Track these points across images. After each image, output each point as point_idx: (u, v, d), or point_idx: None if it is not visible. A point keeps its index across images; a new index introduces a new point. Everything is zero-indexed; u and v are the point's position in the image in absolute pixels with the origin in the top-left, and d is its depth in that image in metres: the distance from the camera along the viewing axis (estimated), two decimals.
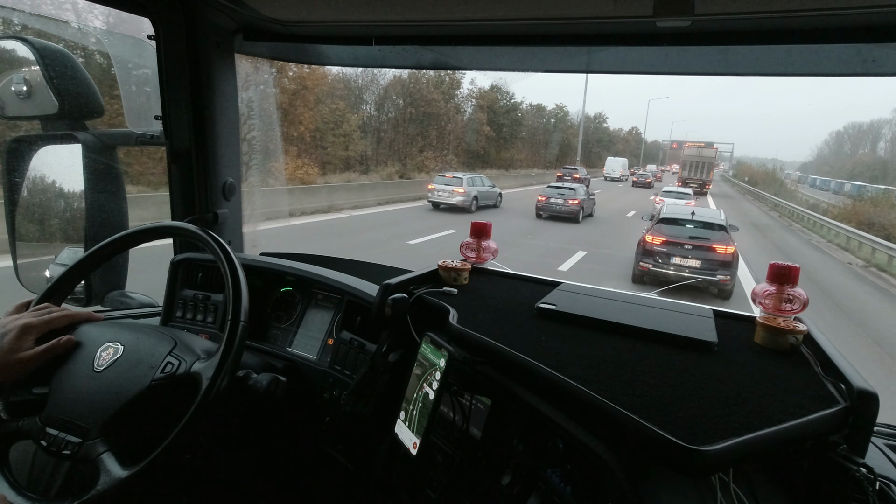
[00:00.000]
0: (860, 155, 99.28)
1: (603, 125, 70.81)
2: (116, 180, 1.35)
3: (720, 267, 7.41)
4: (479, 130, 34.00)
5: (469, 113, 34.63)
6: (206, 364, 0.85)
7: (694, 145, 41.57)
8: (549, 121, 50.93)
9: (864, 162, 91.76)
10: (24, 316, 0.89)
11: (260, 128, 1.74)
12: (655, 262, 7.81)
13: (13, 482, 0.82)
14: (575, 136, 52.62)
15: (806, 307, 0.87)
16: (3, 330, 0.86)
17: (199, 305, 1.34)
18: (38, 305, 0.95)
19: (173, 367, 0.86)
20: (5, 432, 0.86)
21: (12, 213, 1.33)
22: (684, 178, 36.37)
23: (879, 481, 0.61)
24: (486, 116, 35.65)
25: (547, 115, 51.17)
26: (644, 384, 0.69)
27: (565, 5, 0.96)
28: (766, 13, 0.89)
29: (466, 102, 34.70)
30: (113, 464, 0.78)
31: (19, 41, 1.22)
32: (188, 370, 0.85)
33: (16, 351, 0.84)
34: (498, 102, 37.76)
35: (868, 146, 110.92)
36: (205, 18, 1.30)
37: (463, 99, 34.20)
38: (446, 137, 30.85)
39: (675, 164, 68.35)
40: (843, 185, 56.53)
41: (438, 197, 15.73)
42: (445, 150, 30.39)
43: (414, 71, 25.01)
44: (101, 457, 0.79)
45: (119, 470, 0.77)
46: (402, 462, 0.98)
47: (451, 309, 0.96)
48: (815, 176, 78.61)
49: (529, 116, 46.36)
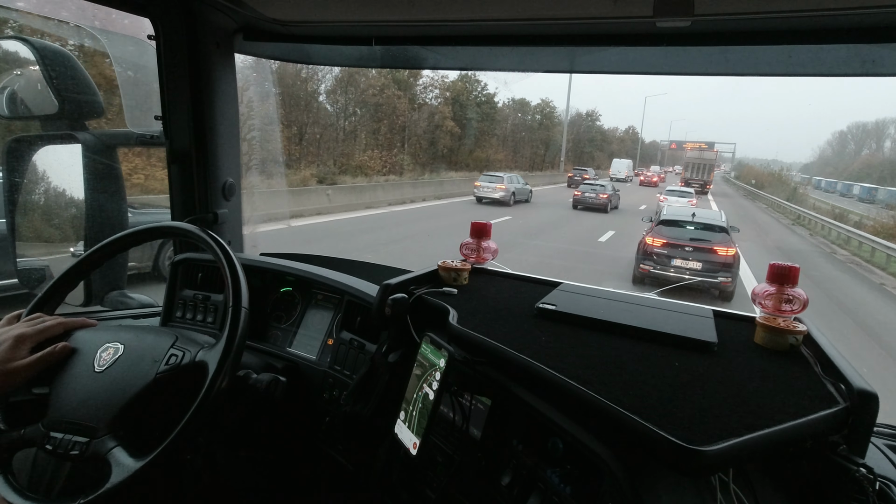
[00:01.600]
0: (866, 155, 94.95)
1: (596, 123, 64.71)
2: (116, 180, 1.35)
3: (721, 269, 7.32)
4: (441, 126, 28.50)
5: (433, 105, 28.96)
6: (211, 351, 0.86)
7: (695, 146, 44.68)
8: (533, 117, 45.32)
9: (871, 163, 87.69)
10: (16, 327, 0.89)
11: (259, 127, 1.74)
12: (656, 265, 7.72)
13: (16, 487, 0.82)
14: (562, 135, 48.21)
15: (806, 307, 0.87)
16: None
17: (199, 306, 1.34)
18: (30, 316, 0.94)
19: (178, 359, 0.86)
20: (7, 442, 0.85)
21: (12, 213, 1.33)
22: (687, 178, 38.60)
23: (879, 481, 0.61)
24: (451, 110, 30.01)
25: (532, 110, 45.15)
26: (644, 384, 0.69)
27: (565, 6, 0.96)
28: (766, 13, 0.89)
29: (427, 92, 28.90)
30: (125, 457, 0.78)
31: (19, 41, 1.22)
32: (193, 359, 0.86)
33: (10, 361, 0.83)
34: (467, 94, 32.20)
35: (874, 145, 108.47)
36: (205, 18, 1.30)
37: (422, 88, 28.35)
38: (399, 134, 25.83)
39: (677, 166, 71.23)
40: (851, 187, 53.91)
41: (483, 192, 18.36)
42: (397, 149, 25.23)
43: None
44: (112, 451, 0.79)
45: (131, 462, 0.77)
46: (402, 462, 0.98)
47: (451, 309, 0.96)
48: (819, 178, 75.50)
49: (510, 112, 41.67)
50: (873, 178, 66.61)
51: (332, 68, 21.69)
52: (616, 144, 75.22)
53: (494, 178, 18.78)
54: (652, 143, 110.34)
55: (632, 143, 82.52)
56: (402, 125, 25.76)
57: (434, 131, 28.29)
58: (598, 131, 65.74)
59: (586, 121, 62.38)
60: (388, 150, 24.61)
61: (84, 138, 1.28)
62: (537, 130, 45.23)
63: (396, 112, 25.37)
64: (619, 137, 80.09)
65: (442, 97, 29.99)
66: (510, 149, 39.96)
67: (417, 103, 28.10)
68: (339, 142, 23.36)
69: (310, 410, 1.20)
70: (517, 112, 43.57)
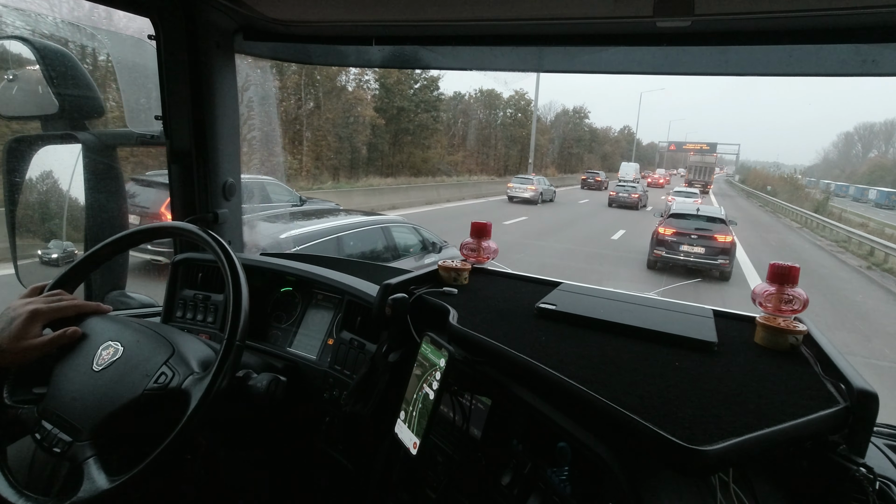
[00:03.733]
0: (875, 157, 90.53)
1: (585, 120, 56.91)
2: (116, 180, 1.35)
3: (720, 253, 8.84)
4: (359, 119, 22.01)
5: (349, 91, 21.98)
6: (198, 383, 0.84)
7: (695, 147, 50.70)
8: (505, 111, 37.96)
9: (883, 164, 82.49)
10: (34, 301, 0.91)
11: (259, 127, 1.74)
12: (667, 250, 9.21)
13: (12, 482, 0.82)
14: (543, 134, 41.30)
15: (806, 307, 0.87)
16: (13, 314, 0.87)
17: (200, 305, 1.34)
18: (52, 291, 0.96)
19: (167, 379, 0.85)
20: (4, 416, 0.87)
21: (12, 213, 1.33)
22: (690, 179, 44.12)
23: (879, 481, 0.61)
24: (376, 99, 23.33)
25: (503, 104, 37.34)
26: (644, 384, 0.69)
27: (565, 5, 0.96)
28: (766, 13, 0.89)
29: (339, 76, 21.68)
30: (97, 472, 0.78)
31: (19, 41, 1.22)
32: (180, 385, 0.85)
33: (23, 338, 0.85)
34: (400, 79, 24.52)
35: (883, 146, 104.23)
36: (205, 18, 1.30)
37: (334, 71, 20.74)
38: (304, 133, 19.82)
39: (681, 168, 75.91)
40: (866, 191, 49.55)
41: (515, 192, 21.46)
42: (297, 151, 19.05)
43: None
44: (88, 461, 0.79)
45: (103, 480, 0.77)
46: (402, 462, 0.98)
47: (451, 309, 0.96)
48: (827, 181, 70.31)
49: (477, 105, 34.99)
50: (887, 182, 62.47)
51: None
52: (610, 146, 69.33)
53: (526, 180, 22.45)
54: (650, 144, 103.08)
55: (627, 143, 75.21)
56: (300, 119, 19.67)
57: (351, 125, 21.53)
58: (587, 130, 58.44)
59: (573, 118, 55.18)
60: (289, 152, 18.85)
61: (84, 138, 1.28)
62: (510, 127, 38.32)
63: (294, 106, 19.81)
64: (614, 138, 74.09)
65: (360, 85, 22.85)
66: (479, 148, 33.62)
67: (335, 91, 21.22)
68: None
69: (310, 410, 1.20)
70: (486, 106, 36.56)
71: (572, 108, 56.92)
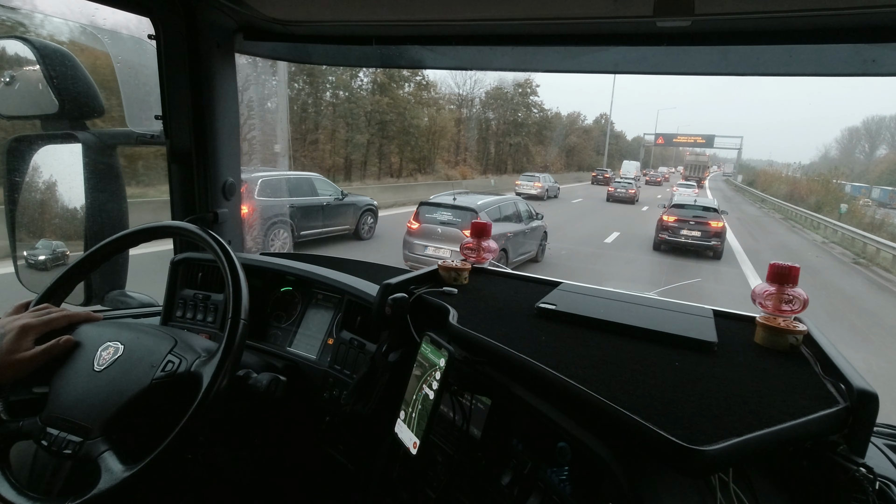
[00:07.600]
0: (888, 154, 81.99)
1: (529, 98, 38.32)
2: (116, 180, 1.35)
3: (714, 237, 10.99)
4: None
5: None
6: (206, 363, 0.85)
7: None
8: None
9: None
10: (23, 316, 0.89)
11: (259, 126, 1.74)
12: (670, 234, 11.31)
13: (14, 483, 0.82)
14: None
15: (806, 307, 0.87)
16: (2, 331, 0.85)
17: (199, 305, 1.34)
18: (38, 306, 0.95)
19: (174, 366, 0.86)
20: (5, 433, 0.86)
21: (12, 213, 1.33)
22: (686, 175, 56.11)
23: (879, 481, 0.61)
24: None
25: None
26: (644, 384, 0.69)
27: (565, 5, 0.96)
28: (766, 13, 0.89)
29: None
30: (114, 462, 0.78)
31: (19, 41, 1.22)
32: (189, 369, 0.85)
33: (15, 352, 0.84)
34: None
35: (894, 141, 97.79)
36: (205, 18, 1.30)
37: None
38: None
39: (679, 166, 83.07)
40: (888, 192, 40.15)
41: (522, 189, 22.14)
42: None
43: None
44: (103, 455, 0.79)
45: (120, 468, 0.77)
46: (402, 462, 0.98)
47: (451, 309, 0.96)
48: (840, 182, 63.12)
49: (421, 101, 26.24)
50: None
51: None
52: (576, 136, 52.94)
53: (532, 177, 23.56)
54: (636, 139, 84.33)
55: (601, 134, 58.95)
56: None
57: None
58: (536, 112, 39.57)
59: (515, 95, 37.54)
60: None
61: (84, 138, 1.27)
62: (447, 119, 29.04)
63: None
64: (584, 127, 56.25)
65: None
66: (411, 142, 25.67)
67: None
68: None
69: (310, 410, 1.20)
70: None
71: (514, 82, 37.81)
